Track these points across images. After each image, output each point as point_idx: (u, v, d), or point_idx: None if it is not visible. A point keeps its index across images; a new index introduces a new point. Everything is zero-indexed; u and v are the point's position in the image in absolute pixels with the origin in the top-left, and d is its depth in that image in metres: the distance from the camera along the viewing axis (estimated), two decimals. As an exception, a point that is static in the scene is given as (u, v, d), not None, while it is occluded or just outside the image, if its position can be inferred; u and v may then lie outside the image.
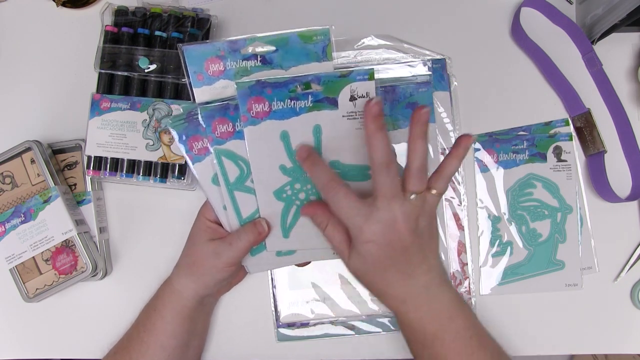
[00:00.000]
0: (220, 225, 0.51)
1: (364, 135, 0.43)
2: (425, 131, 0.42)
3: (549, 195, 0.58)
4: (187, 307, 0.51)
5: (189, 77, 0.49)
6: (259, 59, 0.49)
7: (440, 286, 0.46)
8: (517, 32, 0.58)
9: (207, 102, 0.49)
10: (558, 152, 0.58)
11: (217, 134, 0.49)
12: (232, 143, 0.49)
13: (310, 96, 0.47)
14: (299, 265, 0.53)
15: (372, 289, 0.47)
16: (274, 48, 0.49)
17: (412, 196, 0.43)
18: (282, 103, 0.48)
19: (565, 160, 0.58)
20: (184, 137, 0.50)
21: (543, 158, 0.58)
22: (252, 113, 0.48)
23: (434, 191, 0.44)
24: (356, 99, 0.47)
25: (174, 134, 0.49)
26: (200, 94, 0.50)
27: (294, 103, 0.48)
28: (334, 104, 0.48)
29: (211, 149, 0.49)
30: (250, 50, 0.49)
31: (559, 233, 0.57)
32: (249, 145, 0.48)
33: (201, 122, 0.49)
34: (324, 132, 0.48)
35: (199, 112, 0.49)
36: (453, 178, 0.58)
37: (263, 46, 0.49)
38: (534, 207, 0.58)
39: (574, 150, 0.58)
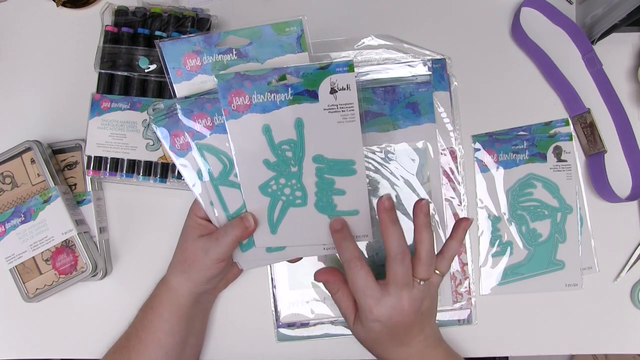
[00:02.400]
0: (210, 221, 0.51)
1: (379, 226, 0.46)
2: (429, 221, 0.47)
3: (549, 195, 0.58)
4: (184, 305, 0.51)
5: (168, 73, 0.49)
6: (234, 52, 0.49)
7: (434, 348, 0.50)
8: (517, 32, 0.58)
9: (188, 96, 0.49)
10: (558, 152, 0.58)
11: (197, 128, 0.49)
12: (212, 137, 0.49)
13: (290, 89, 0.47)
14: (290, 261, 0.53)
15: (371, 352, 0.51)
16: (248, 41, 0.49)
17: (421, 282, 0.47)
18: (262, 96, 0.47)
19: (565, 160, 0.58)
20: (166, 133, 0.49)
21: (543, 158, 0.58)
22: (233, 106, 0.48)
23: (437, 272, 0.49)
24: (337, 91, 0.47)
25: (157, 130, 0.49)
26: (181, 89, 0.50)
27: (274, 96, 0.47)
28: (314, 96, 0.47)
29: (193, 145, 0.49)
30: (224, 44, 0.49)
31: (559, 233, 0.57)
32: (232, 138, 0.48)
33: (180, 117, 0.48)
34: (306, 126, 0.48)
35: (177, 107, 0.48)
36: (453, 178, 0.58)
37: (237, 40, 0.49)
38: (534, 207, 0.58)
39: (574, 150, 0.58)
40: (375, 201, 0.57)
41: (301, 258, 0.53)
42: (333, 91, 0.47)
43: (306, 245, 0.51)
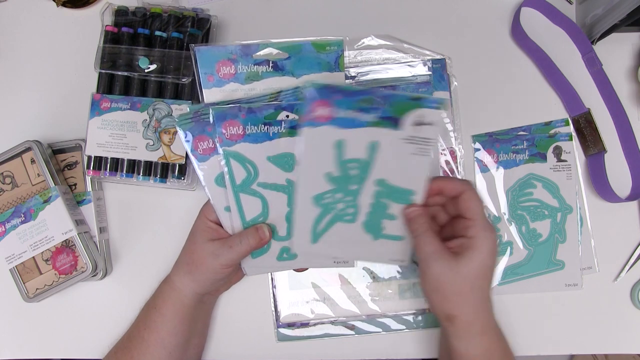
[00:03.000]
0: (221, 225, 0.51)
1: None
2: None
3: (549, 195, 0.58)
4: (187, 305, 0.51)
5: (199, 78, 0.50)
6: (270, 64, 0.50)
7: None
8: (517, 32, 0.58)
9: (217, 103, 0.49)
10: (558, 152, 0.58)
11: (227, 135, 0.49)
12: (241, 146, 0.49)
13: (377, 111, 0.47)
14: (297, 270, 0.53)
15: (456, 305, 0.46)
16: (286, 55, 0.49)
17: None
18: (346, 112, 0.47)
19: (565, 160, 0.58)
20: (189, 137, 0.50)
21: (543, 158, 0.58)
22: (313, 115, 0.47)
23: None
24: (421, 124, 0.47)
25: (181, 132, 0.49)
26: (210, 95, 0.50)
27: (359, 115, 0.47)
28: (396, 124, 0.47)
29: (220, 150, 0.49)
30: (262, 56, 0.49)
31: (559, 233, 0.57)
32: (305, 144, 0.47)
33: (212, 122, 0.49)
34: (379, 150, 0.48)
35: (210, 112, 0.49)
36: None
37: (276, 52, 0.49)
38: (534, 207, 0.58)
39: (574, 150, 0.58)
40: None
41: (307, 268, 0.53)
42: (417, 124, 0.47)
43: (318, 259, 0.52)
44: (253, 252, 0.51)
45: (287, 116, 0.49)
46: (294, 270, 0.53)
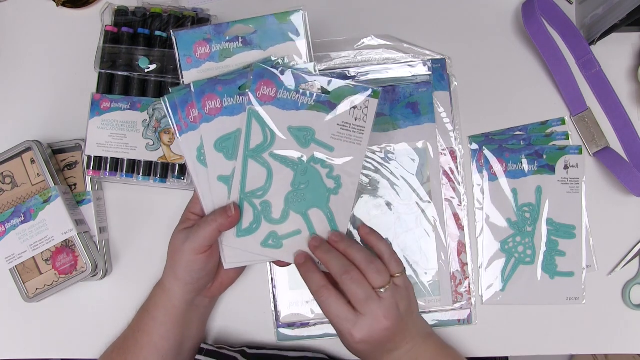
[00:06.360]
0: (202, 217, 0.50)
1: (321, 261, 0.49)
2: (352, 241, 0.49)
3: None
4: (178, 308, 0.51)
5: (179, 61, 0.51)
6: (240, 40, 0.51)
7: (424, 343, 0.50)
8: (532, 22, 0.56)
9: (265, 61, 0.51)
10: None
11: (259, 95, 0.49)
12: (268, 108, 0.49)
13: (536, 162, 0.57)
14: (278, 264, 0.51)
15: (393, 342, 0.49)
16: (253, 29, 0.51)
17: (382, 290, 0.46)
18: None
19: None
20: (183, 103, 0.50)
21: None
22: (492, 171, 0.53)
23: (397, 274, 0.48)
24: (569, 168, 0.56)
25: (165, 104, 0.50)
26: (189, 76, 0.51)
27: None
28: (553, 170, 0.57)
29: (247, 108, 0.49)
30: (232, 32, 0.51)
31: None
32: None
33: (250, 77, 0.49)
34: (543, 193, 0.57)
35: (251, 68, 0.50)
36: (453, 178, 0.58)
37: (243, 27, 0.51)
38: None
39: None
40: (370, 202, 0.57)
41: (290, 263, 0.51)
42: (566, 167, 0.57)
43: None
44: (239, 231, 0.50)
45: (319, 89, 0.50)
46: (276, 264, 0.51)
